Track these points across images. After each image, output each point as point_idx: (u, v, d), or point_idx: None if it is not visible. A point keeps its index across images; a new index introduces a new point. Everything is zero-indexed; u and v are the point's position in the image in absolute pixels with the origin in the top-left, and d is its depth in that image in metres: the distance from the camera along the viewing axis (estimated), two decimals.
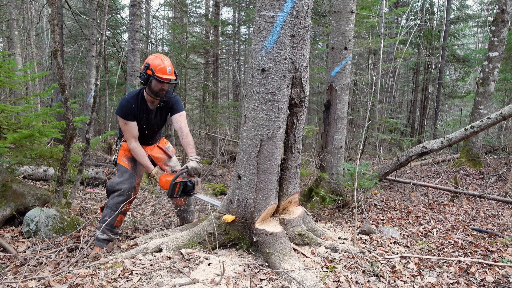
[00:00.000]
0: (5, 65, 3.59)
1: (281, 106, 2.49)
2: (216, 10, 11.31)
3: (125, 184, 3.00)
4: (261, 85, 2.46)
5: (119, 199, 2.96)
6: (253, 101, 2.51)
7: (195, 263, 2.40)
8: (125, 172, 3.06)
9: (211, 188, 5.52)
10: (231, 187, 2.74)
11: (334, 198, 4.37)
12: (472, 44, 19.99)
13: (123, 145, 3.17)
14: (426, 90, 14.93)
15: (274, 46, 2.39)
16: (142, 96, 3.04)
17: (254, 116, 2.51)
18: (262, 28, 2.41)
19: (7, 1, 7.93)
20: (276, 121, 2.50)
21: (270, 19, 2.37)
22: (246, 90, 2.61)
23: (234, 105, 13.24)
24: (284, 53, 2.41)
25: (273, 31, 2.38)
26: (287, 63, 2.44)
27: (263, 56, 2.43)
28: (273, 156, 2.55)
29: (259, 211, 2.58)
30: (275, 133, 2.50)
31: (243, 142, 2.60)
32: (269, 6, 2.37)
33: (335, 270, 2.42)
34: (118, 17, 12.72)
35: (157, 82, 2.93)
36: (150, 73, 2.91)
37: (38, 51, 13.23)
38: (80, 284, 2.08)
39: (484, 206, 4.81)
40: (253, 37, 2.50)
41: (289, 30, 2.39)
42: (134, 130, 2.99)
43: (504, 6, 7.38)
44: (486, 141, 9.71)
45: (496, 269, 2.67)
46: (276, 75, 2.44)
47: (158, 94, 2.99)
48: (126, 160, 3.12)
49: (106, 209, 2.98)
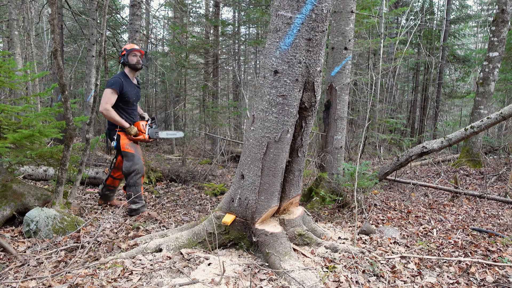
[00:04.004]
0: (5, 65, 3.59)
1: (291, 110, 2.44)
2: (216, 10, 11.31)
3: (137, 165, 3.85)
4: (273, 87, 2.40)
5: (137, 177, 3.84)
6: (263, 102, 2.45)
7: (195, 263, 2.40)
8: (133, 156, 3.85)
9: (211, 188, 5.52)
10: (233, 185, 2.71)
11: (334, 198, 4.37)
12: (472, 44, 19.99)
13: (120, 134, 3.87)
14: (426, 90, 14.93)
15: (289, 49, 2.33)
16: (125, 74, 3.98)
17: (263, 117, 2.46)
18: (279, 28, 2.34)
19: (7, 1, 7.93)
20: (285, 125, 2.45)
21: (287, 20, 2.30)
22: (256, 90, 2.56)
23: (234, 105, 13.24)
24: (298, 56, 2.34)
25: (289, 32, 2.31)
26: (301, 67, 2.37)
27: (277, 58, 2.37)
28: (279, 159, 2.51)
29: (260, 212, 2.57)
30: (282, 137, 2.46)
31: (249, 142, 2.55)
32: (288, 6, 2.30)
33: (335, 270, 2.42)
34: (118, 17, 12.71)
35: (132, 56, 3.91)
36: (125, 53, 3.91)
37: (38, 51, 13.24)
38: (80, 284, 2.08)
39: (484, 206, 4.81)
40: (268, 36, 2.43)
41: (306, 33, 2.31)
42: (113, 99, 3.80)
43: (504, 6, 7.38)
44: (486, 141, 9.71)
45: (496, 269, 2.67)
46: (289, 78, 2.37)
47: (136, 65, 3.93)
48: (129, 147, 3.87)
49: (130, 188, 3.83)
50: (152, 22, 16.67)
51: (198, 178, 6.35)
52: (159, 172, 6.18)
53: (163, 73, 12.70)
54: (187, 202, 4.93)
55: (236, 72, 14.85)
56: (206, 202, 4.98)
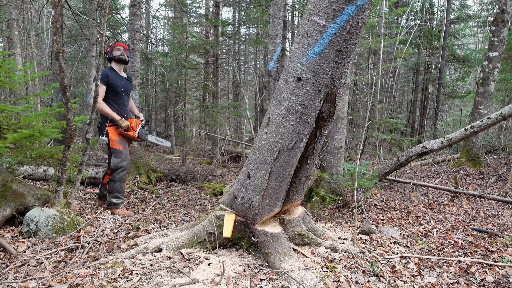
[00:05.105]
0: (5, 65, 3.58)
1: (309, 120, 2.35)
2: (216, 10, 11.31)
3: (124, 162, 4.03)
4: (294, 93, 2.30)
5: (123, 173, 4.03)
6: (281, 107, 2.36)
7: (195, 263, 2.40)
8: (121, 153, 4.02)
9: (211, 188, 5.52)
10: (238, 182, 2.67)
11: (334, 198, 4.37)
12: (472, 44, 20.00)
13: (110, 130, 3.99)
14: (426, 90, 14.93)
15: (317, 58, 2.21)
16: (112, 68, 4.17)
17: (278, 122, 2.37)
18: (309, 34, 2.21)
19: (7, 1, 7.93)
20: (300, 134, 2.37)
21: (320, 28, 2.17)
22: (275, 92, 2.46)
23: (234, 105, 13.24)
24: (325, 67, 2.22)
25: (320, 41, 2.18)
26: (326, 78, 2.25)
27: (302, 65, 2.25)
28: (289, 166, 2.46)
29: (262, 215, 2.55)
30: (296, 145, 2.39)
31: (261, 143, 2.48)
32: (323, 13, 2.15)
33: (335, 270, 2.43)
34: (118, 17, 12.71)
35: (116, 50, 4.13)
36: (109, 49, 4.16)
37: (38, 51, 13.23)
38: (80, 284, 2.08)
39: (484, 206, 4.81)
40: (296, 39, 2.31)
41: (337, 44, 2.18)
42: (102, 91, 3.96)
43: (504, 6, 7.38)
44: (486, 141, 9.71)
45: (496, 269, 2.67)
46: (312, 88, 2.27)
47: (121, 58, 4.12)
48: (117, 144, 4.02)
49: (115, 182, 3.99)
50: (152, 22, 16.68)
51: (198, 178, 6.35)
52: (159, 172, 6.18)
53: (163, 73, 12.70)
54: (187, 202, 4.93)
55: (236, 72, 14.86)
56: (206, 202, 4.98)
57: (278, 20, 5.33)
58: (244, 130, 14.44)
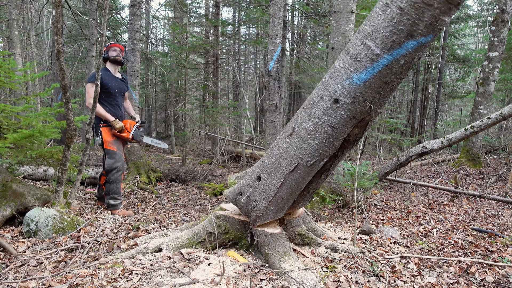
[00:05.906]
0: (5, 65, 3.58)
1: (335, 143, 2.25)
2: (216, 10, 11.31)
3: (118, 162, 4.03)
4: (326, 114, 2.18)
5: (118, 174, 4.03)
6: (309, 122, 2.24)
7: (195, 263, 2.40)
8: (115, 154, 4.02)
9: (211, 188, 5.52)
10: (246, 180, 2.62)
11: (334, 198, 4.37)
12: (472, 44, 20.00)
13: (104, 130, 4.00)
14: (426, 90, 14.93)
15: (361, 85, 2.05)
16: (107, 68, 4.20)
17: (303, 137, 2.27)
18: (359, 58, 2.03)
19: (7, 1, 7.93)
20: (323, 155, 2.28)
21: (372, 56, 1.99)
22: (305, 103, 2.34)
23: (234, 105, 13.25)
24: (367, 96, 2.08)
25: (369, 69, 2.02)
26: (364, 107, 2.11)
27: (344, 87, 2.10)
28: (303, 181, 2.41)
29: (264, 219, 2.54)
30: (315, 164, 2.31)
31: (279, 151, 2.40)
32: (380, 42, 1.95)
33: (335, 270, 2.43)
34: (118, 17, 12.71)
35: (112, 51, 4.15)
36: (106, 49, 4.18)
37: (38, 51, 13.23)
38: (80, 284, 2.08)
39: (484, 206, 4.81)
40: (343, 56, 2.14)
41: (385, 76, 2.02)
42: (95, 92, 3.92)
43: (504, 6, 7.38)
44: (486, 141, 9.71)
45: (496, 269, 2.67)
46: (347, 114, 2.13)
47: (116, 59, 4.14)
48: (111, 145, 4.03)
49: (111, 184, 3.99)
50: (152, 22, 16.68)
51: (198, 178, 6.35)
52: (159, 172, 6.18)
53: (163, 73, 12.70)
54: (187, 202, 4.93)
55: (236, 72, 14.87)
56: (206, 202, 4.98)
57: (278, 20, 5.33)
58: (244, 130, 14.45)
